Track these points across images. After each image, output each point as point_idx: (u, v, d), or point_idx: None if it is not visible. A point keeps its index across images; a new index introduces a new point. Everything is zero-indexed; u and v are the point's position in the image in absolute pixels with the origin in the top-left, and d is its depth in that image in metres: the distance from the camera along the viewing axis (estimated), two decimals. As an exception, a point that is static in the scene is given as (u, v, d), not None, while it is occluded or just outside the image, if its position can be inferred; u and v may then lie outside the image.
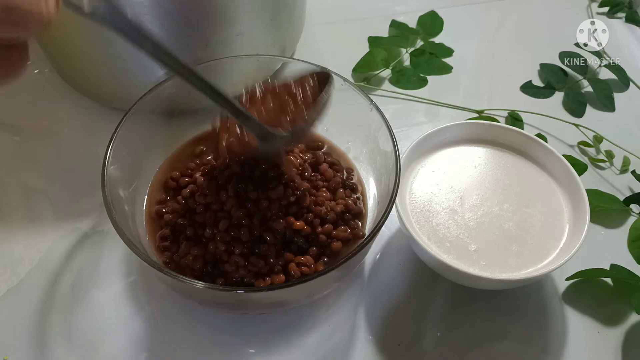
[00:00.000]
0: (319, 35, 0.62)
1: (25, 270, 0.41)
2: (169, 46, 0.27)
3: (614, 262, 0.42)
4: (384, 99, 0.56)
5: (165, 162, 0.44)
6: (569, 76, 0.59)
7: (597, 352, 0.39)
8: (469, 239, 0.39)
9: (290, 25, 0.53)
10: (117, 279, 0.41)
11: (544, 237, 0.39)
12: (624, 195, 0.48)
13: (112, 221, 0.34)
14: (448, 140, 0.44)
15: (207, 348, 0.38)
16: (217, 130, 0.37)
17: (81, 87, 0.52)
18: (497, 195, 0.41)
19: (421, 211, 0.40)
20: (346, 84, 0.42)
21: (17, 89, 0.55)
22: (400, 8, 0.67)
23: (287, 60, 0.47)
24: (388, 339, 0.39)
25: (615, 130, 0.52)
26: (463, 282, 0.39)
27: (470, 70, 0.60)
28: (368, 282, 0.42)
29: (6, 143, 0.50)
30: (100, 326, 0.39)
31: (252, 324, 0.39)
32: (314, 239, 0.38)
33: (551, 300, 0.41)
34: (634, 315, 0.40)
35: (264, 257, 0.36)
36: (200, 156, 0.44)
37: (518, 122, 0.53)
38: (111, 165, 0.37)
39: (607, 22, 0.65)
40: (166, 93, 0.42)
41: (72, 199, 0.46)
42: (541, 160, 0.43)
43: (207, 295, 0.35)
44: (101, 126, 0.45)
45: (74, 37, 0.45)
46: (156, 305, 0.40)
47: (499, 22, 0.67)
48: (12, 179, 0.47)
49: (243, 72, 0.48)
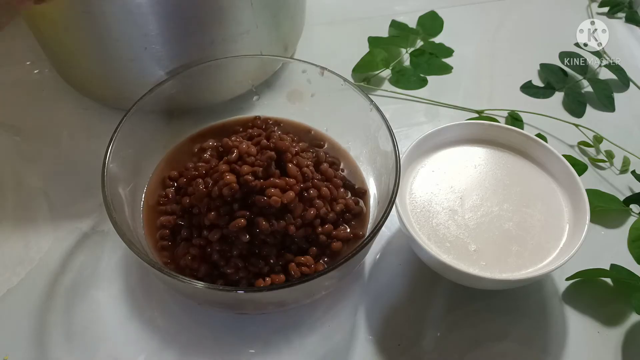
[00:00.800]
0: (319, 35, 0.62)
1: (25, 270, 0.41)
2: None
3: (614, 262, 0.42)
4: (384, 99, 0.56)
5: (163, 160, 0.43)
6: (569, 76, 0.59)
7: (597, 352, 0.39)
8: (469, 239, 0.39)
9: (292, 23, 0.53)
10: (117, 279, 0.41)
11: (544, 237, 0.39)
12: (624, 195, 0.48)
13: (112, 221, 0.34)
14: (448, 140, 0.44)
15: (207, 348, 0.38)
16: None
17: (81, 87, 0.52)
18: (497, 195, 0.41)
19: (421, 211, 0.40)
20: (346, 84, 0.42)
21: (17, 89, 0.55)
22: (400, 8, 0.67)
23: (288, 60, 0.47)
24: (388, 339, 0.39)
25: (615, 130, 0.52)
26: (463, 282, 0.39)
27: (470, 70, 0.60)
28: (368, 282, 0.42)
29: (6, 143, 0.50)
30: (100, 326, 0.39)
31: (252, 324, 0.39)
32: (314, 239, 0.38)
33: (551, 300, 0.41)
34: (634, 315, 0.40)
35: (263, 257, 0.36)
36: (198, 154, 0.43)
37: (518, 122, 0.53)
38: (111, 165, 0.37)
39: (607, 22, 0.65)
40: (166, 93, 0.42)
41: (72, 199, 0.46)
42: (541, 160, 0.43)
43: (207, 295, 0.35)
44: (101, 126, 0.45)
45: (74, 37, 0.45)
46: (156, 305, 0.40)
47: (499, 22, 0.67)
48: (12, 179, 0.47)
49: (245, 71, 0.48)
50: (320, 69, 0.43)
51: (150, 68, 0.45)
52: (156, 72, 0.45)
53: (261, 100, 0.49)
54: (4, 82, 0.55)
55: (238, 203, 0.36)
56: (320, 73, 0.43)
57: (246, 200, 0.36)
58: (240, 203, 0.36)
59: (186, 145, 0.45)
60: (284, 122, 0.46)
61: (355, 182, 0.43)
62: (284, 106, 0.47)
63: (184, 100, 0.44)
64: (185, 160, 0.43)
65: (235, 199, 0.36)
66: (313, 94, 0.45)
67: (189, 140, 0.45)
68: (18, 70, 0.56)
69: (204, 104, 0.47)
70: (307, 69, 0.44)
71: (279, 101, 0.48)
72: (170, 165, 0.43)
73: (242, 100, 0.49)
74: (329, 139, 0.45)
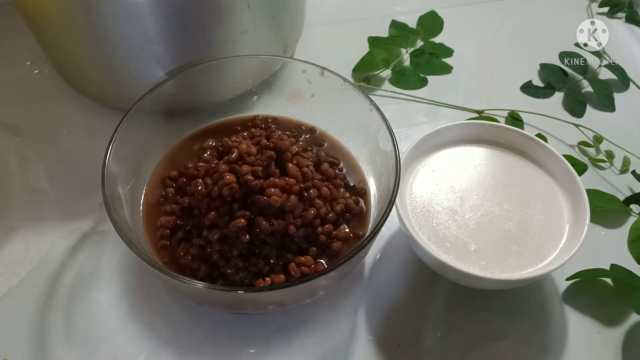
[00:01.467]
0: (319, 35, 0.62)
1: (25, 270, 0.41)
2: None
3: (614, 262, 0.42)
4: (384, 99, 0.56)
5: (163, 160, 0.43)
6: (569, 76, 0.59)
7: (597, 352, 0.39)
8: (469, 239, 0.39)
9: (292, 23, 0.53)
10: (117, 279, 0.41)
11: (544, 237, 0.39)
12: (624, 195, 0.48)
13: (112, 221, 0.34)
14: (448, 140, 0.44)
15: (207, 348, 0.38)
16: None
17: (81, 87, 0.52)
18: (497, 195, 0.41)
19: (421, 211, 0.40)
20: (346, 84, 0.42)
21: (17, 89, 0.55)
22: (400, 8, 0.67)
23: (288, 60, 0.47)
24: (388, 339, 0.39)
25: (615, 130, 0.52)
26: (463, 282, 0.39)
27: (470, 70, 0.60)
28: (368, 282, 0.42)
29: (6, 143, 0.50)
30: (100, 326, 0.39)
31: (252, 324, 0.39)
32: (314, 239, 0.38)
33: (551, 300, 0.41)
34: (634, 315, 0.40)
35: (263, 257, 0.36)
36: (198, 154, 0.43)
37: (518, 122, 0.53)
38: (111, 165, 0.37)
39: (607, 22, 0.65)
40: (166, 93, 0.42)
41: (72, 199, 0.46)
42: (541, 161, 0.43)
43: (207, 295, 0.35)
44: (101, 126, 0.45)
45: (75, 37, 0.45)
46: (156, 306, 0.40)
47: (499, 22, 0.67)
48: (12, 179, 0.47)
49: (245, 71, 0.48)
50: (320, 69, 0.43)
51: (149, 68, 0.45)
52: (156, 72, 0.45)
53: (261, 100, 0.49)
54: (4, 82, 0.55)
55: (238, 203, 0.36)
56: (320, 73, 0.43)
57: (246, 200, 0.36)
58: (240, 203, 0.36)
59: (186, 145, 0.45)
60: (283, 120, 0.46)
61: (356, 182, 0.43)
62: (284, 106, 0.47)
63: (184, 100, 0.44)
64: (185, 159, 0.43)
65: (235, 199, 0.36)
66: (313, 94, 0.45)
67: (188, 139, 0.45)
68: (18, 70, 0.56)
69: (204, 104, 0.47)
70: (307, 69, 0.44)
71: (279, 101, 0.48)
72: (170, 164, 0.43)
73: (242, 100, 0.49)
74: (330, 138, 0.45)
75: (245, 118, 0.47)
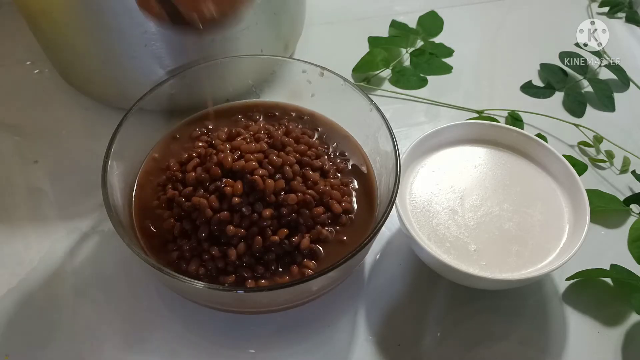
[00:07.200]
0: (319, 35, 0.62)
1: (25, 270, 0.41)
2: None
3: (614, 262, 0.42)
4: (384, 99, 0.56)
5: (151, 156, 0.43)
6: (569, 76, 0.59)
7: (597, 352, 0.39)
8: (469, 239, 0.39)
9: (292, 20, 0.53)
10: (117, 279, 0.41)
11: (544, 237, 0.39)
12: (624, 195, 0.48)
13: (112, 221, 0.34)
14: (448, 140, 0.44)
15: (207, 348, 0.38)
16: None
17: (81, 86, 0.52)
18: (497, 195, 0.41)
19: (421, 211, 0.40)
20: (346, 84, 0.42)
21: (17, 89, 0.55)
22: (400, 8, 0.67)
23: (288, 60, 0.47)
24: (388, 339, 0.39)
25: (615, 130, 0.52)
26: (463, 282, 0.39)
27: (470, 70, 0.60)
28: (368, 282, 0.42)
29: (6, 143, 0.50)
30: (100, 326, 0.39)
31: (252, 324, 0.39)
32: (320, 201, 0.38)
33: (551, 300, 0.41)
34: (634, 316, 0.40)
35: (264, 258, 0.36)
36: (194, 141, 0.43)
37: (518, 122, 0.53)
38: (111, 165, 0.37)
39: (607, 22, 0.65)
40: (166, 93, 0.42)
41: (72, 199, 0.46)
42: (541, 161, 0.43)
43: (207, 295, 0.35)
44: (101, 126, 0.45)
45: (74, 37, 0.45)
46: (156, 306, 0.40)
47: (499, 22, 0.67)
48: (12, 179, 0.47)
49: (246, 70, 0.48)
50: (320, 69, 0.43)
51: (150, 67, 0.45)
52: (156, 71, 0.45)
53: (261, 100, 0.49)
54: (4, 82, 0.55)
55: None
56: (320, 73, 0.43)
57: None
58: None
59: (175, 139, 0.44)
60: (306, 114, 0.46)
61: (358, 164, 0.43)
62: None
63: (184, 100, 0.44)
64: (181, 152, 0.42)
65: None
66: (313, 94, 0.45)
67: (178, 130, 0.44)
68: (18, 70, 0.56)
69: (204, 104, 0.47)
70: (307, 69, 0.44)
71: (279, 101, 0.48)
72: (164, 158, 0.42)
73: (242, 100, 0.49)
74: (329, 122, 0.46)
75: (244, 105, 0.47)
